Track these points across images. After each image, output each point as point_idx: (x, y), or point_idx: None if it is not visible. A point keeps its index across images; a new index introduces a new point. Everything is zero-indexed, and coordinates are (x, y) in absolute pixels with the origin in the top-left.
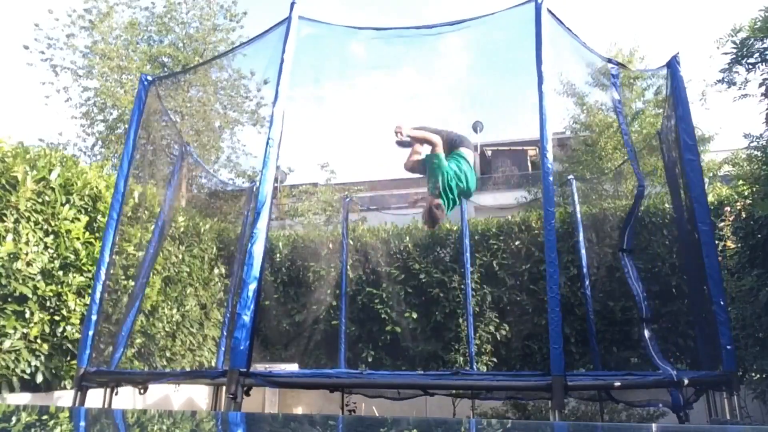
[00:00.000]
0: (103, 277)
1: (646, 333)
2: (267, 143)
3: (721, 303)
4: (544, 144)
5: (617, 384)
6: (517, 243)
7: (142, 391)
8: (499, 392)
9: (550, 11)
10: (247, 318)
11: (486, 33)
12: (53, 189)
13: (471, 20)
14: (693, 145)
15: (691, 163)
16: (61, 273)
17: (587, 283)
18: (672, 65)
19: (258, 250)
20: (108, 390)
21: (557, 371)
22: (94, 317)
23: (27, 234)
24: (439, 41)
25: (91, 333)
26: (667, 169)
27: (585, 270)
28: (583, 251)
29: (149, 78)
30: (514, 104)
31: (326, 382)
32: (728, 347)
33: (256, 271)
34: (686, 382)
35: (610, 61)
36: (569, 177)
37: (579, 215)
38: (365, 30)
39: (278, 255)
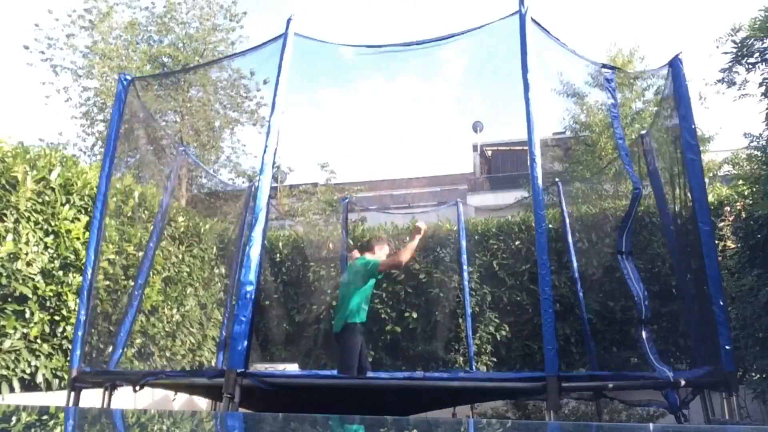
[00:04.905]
0: (89, 277)
1: (644, 334)
2: (264, 151)
3: (721, 303)
4: (533, 149)
5: (611, 385)
6: (516, 243)
7: (137, 388)
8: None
9: (535, 21)
10: (244, 319)
11: (477, 45)
12: (53, 189)
13: (461, 34)
14: (695, 144)
15: (693, 162)
16: (61, 273)
17: (579, 284)
18: (674, 64)
19: (255, 253)
20: (107, 390)
21: (552, 372)
22: (83, 318)
23: (27, 234)
24: (437, 49)
25: (80, 334)
26: (650, 173)
27: (576, 272)
28: (573, 253)
29: (128, 77)
30: (509, 109)
31: (323, 383)
32: (727, 347)
33: (253, 273)
34: (683, 382)
35: (604, 66)
36: (556, 180)
37: (567, 218)
38: (359, 48)
39: (278, 255)
